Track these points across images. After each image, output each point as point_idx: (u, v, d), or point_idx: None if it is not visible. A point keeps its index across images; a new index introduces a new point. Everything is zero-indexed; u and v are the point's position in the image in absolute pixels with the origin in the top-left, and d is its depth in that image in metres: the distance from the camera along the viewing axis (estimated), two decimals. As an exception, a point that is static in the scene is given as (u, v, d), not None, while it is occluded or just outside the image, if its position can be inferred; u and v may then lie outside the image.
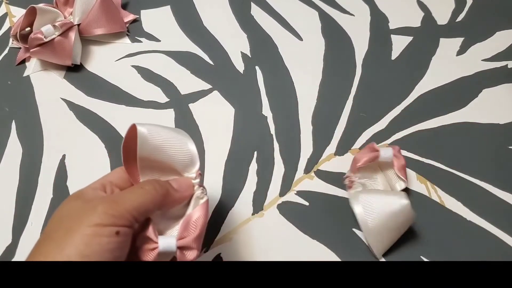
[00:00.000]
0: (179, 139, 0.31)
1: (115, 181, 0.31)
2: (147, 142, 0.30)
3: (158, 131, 0.30)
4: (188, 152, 0.31)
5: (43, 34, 0.48)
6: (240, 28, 0.54)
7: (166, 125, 0.32)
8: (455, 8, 0.56)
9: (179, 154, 0.31)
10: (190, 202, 0.31)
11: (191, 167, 0.32)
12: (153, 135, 0.30)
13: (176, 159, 0.31)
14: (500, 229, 0.40)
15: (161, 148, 0.30)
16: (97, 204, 0.27)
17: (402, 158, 0.41)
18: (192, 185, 0.31)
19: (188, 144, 0.31)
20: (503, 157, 0.44)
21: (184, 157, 0.31)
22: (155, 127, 0.31)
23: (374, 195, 0.39)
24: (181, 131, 0.32)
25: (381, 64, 0.51)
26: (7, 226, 0.42)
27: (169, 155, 0.31)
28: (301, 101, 0.49)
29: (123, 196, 0.28)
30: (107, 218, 0.26)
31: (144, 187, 0.29)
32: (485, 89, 0.49)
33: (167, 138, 0.30)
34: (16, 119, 0.48)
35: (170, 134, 0.31)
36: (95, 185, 0.30)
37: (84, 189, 0.30)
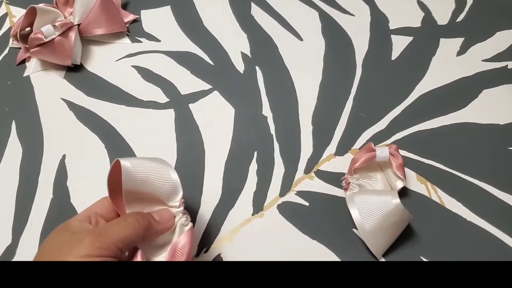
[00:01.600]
0: (161, 169, 0.32)
1: (100, 211, 0.33)
2: (131, 175, 0.31)
3: (141, 164, 0.32)
4: (171, 181, 0.33)
5: (43, 34, 0.48)
6: (240, 28, 0.54)
7: (146, 156, 0.34)
8: (455, 8, 0.56)
9: (162, 184, 0.32)
10: (176, 229, 0.33)
11: (174, 195, 0.33)
12: (136, 168, 0.31)
13: (160, 189, 0.32)
14: (500, 230, 0.40)
15: (145, 180, 0.32)
16: (85, 236, 0.28)
17: (399, 156, 0.41)
18: (173, 216, 0.33)
19: (170, 173, 0.33)
20: (503, 157, 0.44)
21: (168, 187, 0.33)
22: (138, 160, 0.32)
23: (368, 196, 0.39)
24: (163, 160, 0.34)
25: (381, 64, 0.51)
26: (7, 226, 0.42)
27: (153, 186, 0.32)
28: (301, 101, 0.49)
29: (108, 229, 0.30)
30: (94, 250, 0.27)
31: (127, 219, 0.31)
32: (485, 89, 0.49)
33: (150, 169, 0.32)
34: (16, 119, 0.48)
35: (153, 165, 0.32)
36: (80, 217, 0.32)
37: (71, 221, 0.31)
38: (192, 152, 0.45)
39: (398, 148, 0.42)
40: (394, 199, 0.38)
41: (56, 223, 0.41)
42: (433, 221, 0.41)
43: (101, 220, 0.32)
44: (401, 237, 0.39)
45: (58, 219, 0.42)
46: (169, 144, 0.46)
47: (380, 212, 0.38)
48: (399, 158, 0.41)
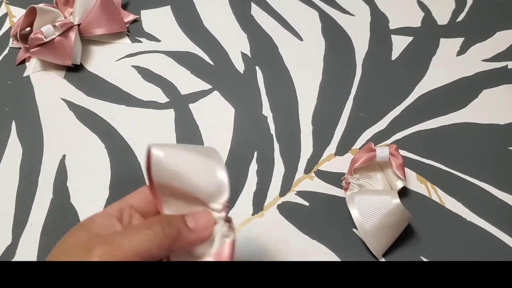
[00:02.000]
0: (205, 164, 0.26)
1: (137, 204, 0.28)
2: (163, 167, 0.26)
3: (178, 154, 0.26)
4: (215, 179, 0.26)
5: (43, 34, 0.48)
6: (240, 28, 0.54)
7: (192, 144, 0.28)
8: (455, 8, 0.56)
9: (202, 181, 0.26)
10: (214, 240, 0.27)
11: (217, 196, 0.27)
12: (171, 159, 0.26)
13: (199, 187, 0.26)
14: (500, 230, 0.40)
15: (180, 173, 0.26)
16: (94, 246, 0.24)
17: (399, 156, 0.41)
18: (211, 223, 0.27)
19: (216, 170, 0.26)
20: (503, 157, 0.44)
21: (209, 184, 0.26)
22: (175, 148, 0.27)
23: (368, 196, 0.39)
24: (213, 151, 0.28)
25: (381, 64, 0.51)
26: (7, 226, 0.42)
27: (190, 183, 0.26)
28: (301, 101, 0.49)
29: (123, 239, 0.24)
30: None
31: (151, 227, 0.25)
32: (485, 89, 0.49)
33: (188, 161, 0.26)
34: (16, 119, 0.48)
35: (194, 157, 0.26)
36: (110, 210, 0.27)
37: (97, 216, 0.26)
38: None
39: (398, 148, 0.42)
40: (394, 199, 0.38)
41: (56, 223, 0.42)
42: (433, 221, 0.41)
43: (136, 215, 0.27)
44: (401, 237, 0.39)
45: (58, 219, 0.42)
46: (169, 144, 0.46)
47: (380, 212, 0.38)
48: (399, 158, 0.41)
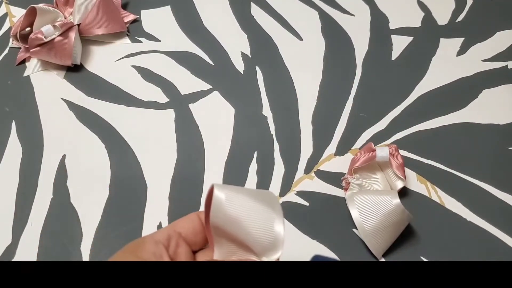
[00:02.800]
0: (264, 215, 0.26)
1: (185, 232, 0.27)
2: (223, 210, 0.25)
3: (240, 199, 0.25)
4: (272, 232, 0.25)
5: (43, 34, 0.48)
6: (240, 28, 0.54)
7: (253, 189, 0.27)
8: (455, 8, 0.56)
9: (259, 231, 0.25)
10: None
11: (271, 251, 0.25)
12: (232, 203, 0.25)
13: (254, 238, 0.25)
14: (500, 230, 0.40)
15: (238, 220, 0.25)
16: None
17: (399, 156, 0.41)
18: None
19: (274, 222, 0.26)
20: (503, 157, 0.44)
21: (265, 238, 0.25)
22: (237, 192, 0.26)
23: (368, 196, 0.39)
24: (274, 200, 0.27)
25: (381, 64, 0.51)
26: (7, 226, 0.42)
27: (246, 231, 0.25)
28: (301, 101, 0.49)
29: None
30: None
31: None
32: (485, 89, 0.49)
33: (248, 209, 0.25)
34: (16, 119, 0.48)
35: (254, 205, 0.26)
36: (160, 236, 0.26)
37: (146, 241, 0.26)
38: (192, 152, 0.45)
39: (398, 148, 0.42)
40: (394, 199, 0.38)
41: (56, 223, 0.42)
42: (433, 221, 0.41)
43: (183, 244, 0.27)
44: (401, 237, 0.39)
45: (58, 219, 0.42)
46: (169, 144, 0.46)
47: (380, 212, 0.38)
48: (399, 158, 0.41)
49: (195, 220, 0.28)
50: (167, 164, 0.45)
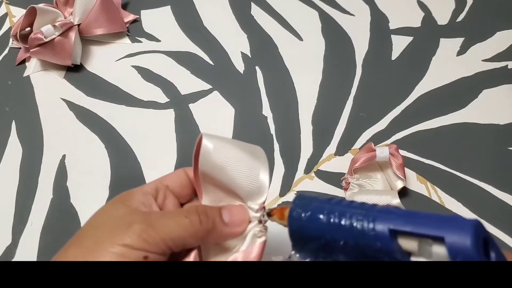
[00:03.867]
0: (250, 163, 0.27)
1: (172, 185, 0.29)
2: (211, 158, 0.26)
3: (227, 148, 0.27)
4: (257, 180, 0.27)
5: (43, 34, 0.48)
6: (240, 28, 0.54)
7: (241, 141, 0.28)
8: (455, 8, 0.56)
9: (244, 179, 0.27)
10: (246, 237, 0.27)
11: (256, 196, 0.27)
12: (219, 152, 0.26)
13: (240, 184, 0.27)
14: (500, 230, 0.40)
15: (225, 168, 0.26)
16: (134, 222, 0.24)
17: (399, 156, 0.41)
18: (246, 220, 0.27)
19: (260, 172, 0.27)
20: (503, 157, 0.44)
21: (250, 184, 0.27)
22: (225, 142, 0.27)
23: (368, 196, 0.39)
24: (260, 153, 0.28)
25: (381, 64, 0.51)
26: (7, 226, 0.42)
27: (232, 178, 0.27)
28: (301, 101, 0.49)
29: (163, 221, 0.25)
30: (138, 242, 0.24)
31: (189, 216, 0.26)
32: (485, 89, 0.49)
33: (235, 158, 0.27)
34: (16, 119, 0.48)
35: (241, 155, 0.27)
36: (148, 188, 0.28)
37: (135, 192, 0.27)
38: (192, 152, 0.45)
39: (398, 148, 0.42)
40: (394, 199, 0.38)
41: (56, 223, 0.42)
42: (433, 221, 0.41)
43: (170, 196, 0.28)
44: (401, 237, 0.39)
45: (58, 219, 0.42)
46: (169, 144, 0.46)
47: None
48: (399, 158, 0.41)
49: (181, 175, 0.29)
50: (167, 164, 0.45)
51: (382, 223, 0.22)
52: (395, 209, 0.22)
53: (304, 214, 0.25)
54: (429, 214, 0.22)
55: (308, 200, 0.25)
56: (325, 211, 0.24)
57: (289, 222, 0.26)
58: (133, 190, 0.28)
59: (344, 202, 0.24)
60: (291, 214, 0.25)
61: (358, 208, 0.23)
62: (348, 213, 0.23)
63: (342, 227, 0.23)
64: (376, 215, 0.22)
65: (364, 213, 0.22)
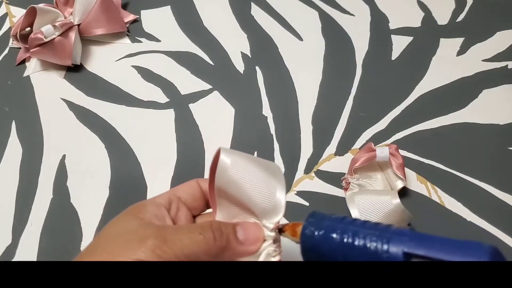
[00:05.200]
0: (266, 181, 0.27)
1: (185, 197, 0.29)
2: (227, 174, 0.26)
3: (244, 164, 0.27)
4: (273, 198, 0.27)
5: (43, 34, 0.48)
6: (240, 28, 0.54)
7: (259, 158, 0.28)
8: (455, 8, 0.56)
9: (261, 196, 0.27)
10: (260, 256, 0.27)
11: (272, 215, 0.27)
12: (236, 168, 0.26)
13: (256, 202, 0.27)
14: (500, 230, 0.40)
15: (242, 184, 0.26)
16: (148, 237, 0.24)
17: (400, 156, 0.41)
18: (261, 238, 0.27)
19: (277, 190, 0.27)
20: (503, 158, 0.44)
21: (266, 202, 0.27)
22: (243, 158, 0.27)
23: (368, 196, 0.39)
24: (277, 171, 0.28)
25: (381, 64, 0.51)
26: (7, 226, 0.42)
27: (248, 195, 0.26)
28: (301, 101, 0.49)
29: (176, 237, 0.25)
30: (152, 257, 0.23)
31: (203, 232, 0.25)
32: (485, 89, 0.49)
33: (252, 174, 0.27)
34: (16, 119, 0.48)
35: (258, 171, 0.27)
36: (161, 199, 0.28)
37: (147, 204, 0.27)
38: (192, 152, 0.45)
39: (398, 148, 0.42)
40: (394, 199, 0.38)
41: (56, 223, 0.42)
42: (433, 221, 0.41)
43: (183, 208, 0.28)
44: (401, 237, 0.39)
45: (58, 219, 0.42)
46: (169, 144, 0.46)
47: (380, 212, 0.38)
48: (399, 158, 0.41)
49: (194, 186, 0.29)
50: (167, 164, 0.45)
51: (397, 245, 0.21)
52: (410, 231, 0.22)
53: (317, 233, 0.24)
54: (444, 238, 0.21)
55: (321, 218, 0.25)
56: (338, 230, 0.24)
57: (301, 239, 0.25)
58: (146, 201, 0.27)
59: (357, 222, 0.24)
60: (304, 232, 0.25)
61: (372, 229, 0.23)
62: (361, 233, 0.23)
63: (355, 247, 0.23)
64: (390, 237, 0.22)
65: (378, 234, 0.22)
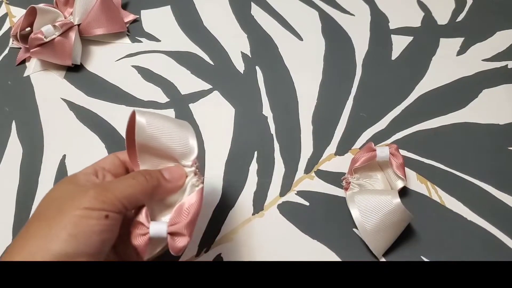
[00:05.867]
0: (179, 133, 0.32)
1: (107, 167, 0.32)
2: (145, 132, 0.30)
3: (157, 123, 0.31)
4: (187, 144, 0.32)
5: (43, 34, 0.48)
6: (240, 28, 0.54)
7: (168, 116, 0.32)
8: (455, 8, 0.56)
9: (177, 145, 0.31)
10: (186, 189, 0.32)
11: (188, 156, 0.32)
12: (151, 126, 0.31)
13: (173, 149, 0.31)
14: (500, 230, 0.40)
15: (159, 138, 0.31)
16: (89, 188, 0.27)
17: (400, 156, 0.41)
18: (184, 175, 0.32)
19: (189, 139, 0.32)
20: (503, 157, 0.44)
21: (182, 148, 0.32)
22: (155, 118, 0.31)
23: (368, 196, 0.39)
24: (186, 125, 0.33)
25: (381, 64, 0.51)
26: (7, 226, 0.42)
27: (166, 145, 0.31)
28: (301, 101, 0.49)
29: (114, 185, 0.29)
30: (97, 203, 0.27)
31: (135, 177, 0.30)
32: (485, 89, 0.49)
33: (165, 130, 0.31)
34: (16, 119, 0.48)
35: (170, 127, 0.31)
36: (87, 170, 0.31)
37: (77, 174, 0.30)
38: (192, 152, 0.45)
39: (398, 147, 0.42)
40: (395, 199, 0.38)
41: (56, 223, 0.41)
42: (433, 221, 0.41)
43: (108, 175, 0.31)
44: (401, 237, 0.39)
45: (58, 219, 0.42)
46: (169, 144, 0.46)
47: (381, 212, 0.38)
48: (399, 158, 0.41)
49: (113, 158, 0.33)
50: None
51: None
52: None
53: None
54: None
55: None
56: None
57: None
58: (75, 173, 0.30)
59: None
60: None
61: None
62: None
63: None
64: None
65: None
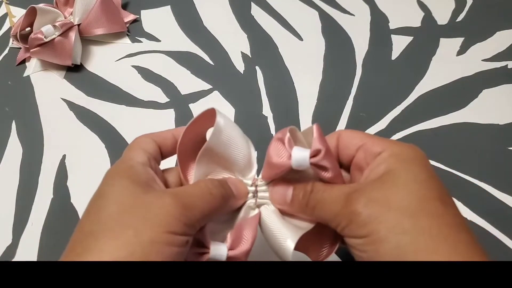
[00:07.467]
0: (244, 144, 0.29)
1: (154, 153, 0.27)
2: (221, 136, 0.28)
3: (231, 129, 0.29)
4: (250, 160, 0.29)
5: (43, 34, 0.48)
6: (240, 28, 0.54)
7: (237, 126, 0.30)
8: (455, 8, 0.56)
9: (241, 158, 0.29)
10: (241, 209, 0.29)
11: (248, 170, 0.29)
12: (227, 130, 0.28)
13: (237, 162, 0.29)
14: (500, 230, 0.40)
15: (229, 146, 0.28)
16: (168, 205, 0.23)
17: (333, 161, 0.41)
18: (247, 194, 0.29)
19: (251, 148, 0.30)
20: (503, 158, 0.44)
21: (244, 162, 0.29)
22: (229, 122, 0.29)
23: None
24: (247, 137, 0.30)
25: (381, 64, 0.51)
26: (7, 226, 0.42)
27: (232, 156, 0.29)
28: (301, 101, 0.49)
29: (192, 199, 0.24)
30: (180, 227, 0.22)
31: (213, 192, 0.25)
32: (485, 89, 0.49)
33: (237, 139, 0.29)
34: (16, 119, 0.48)
35: (238, 136, 0.29)
36: (139, 158, 0.26)
37: (134, 165, 0.25)
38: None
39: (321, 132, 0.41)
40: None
41: (56, 223, 0.42)
42: (433, 221, 0.41)
43: (156, 165, 0.27)
44: (401, 237, 0.39)
45: (58, 219, 0.42)
46: (169, 144, 0.46)
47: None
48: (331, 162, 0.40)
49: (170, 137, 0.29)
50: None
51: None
52: None
53: None
54: None
55: None
56: None
57: None
58: (126, 161, 0.25)
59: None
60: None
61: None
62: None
63: None
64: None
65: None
